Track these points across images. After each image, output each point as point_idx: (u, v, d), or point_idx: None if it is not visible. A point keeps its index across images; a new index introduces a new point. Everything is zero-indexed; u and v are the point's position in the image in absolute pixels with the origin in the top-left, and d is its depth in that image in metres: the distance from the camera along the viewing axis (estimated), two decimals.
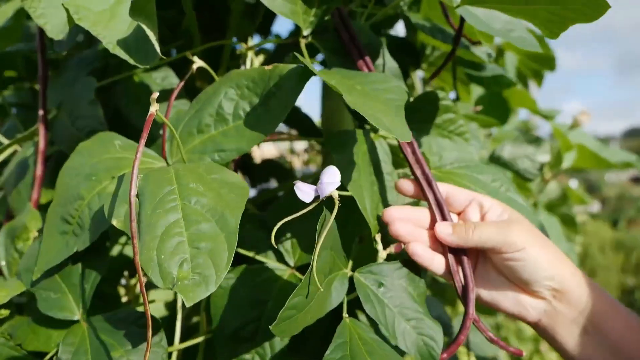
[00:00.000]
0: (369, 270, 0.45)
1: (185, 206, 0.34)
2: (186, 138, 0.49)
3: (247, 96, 0.48)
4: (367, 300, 0.43)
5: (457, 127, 0.65)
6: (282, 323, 0.36)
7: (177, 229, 0.32)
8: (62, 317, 0.45)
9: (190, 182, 0.36)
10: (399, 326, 0.43)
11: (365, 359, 0.38)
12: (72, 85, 0.61)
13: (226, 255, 0.31)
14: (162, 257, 0.30)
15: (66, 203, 0.43)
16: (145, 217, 0.33)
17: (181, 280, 0.30)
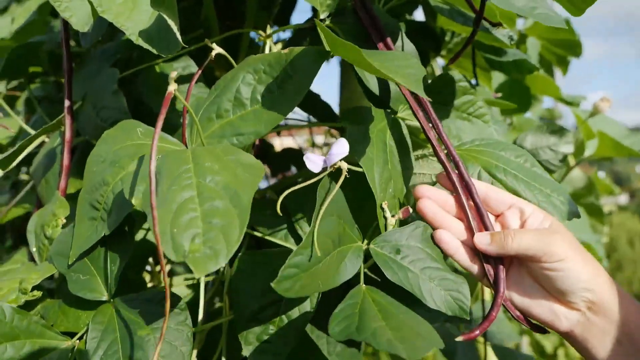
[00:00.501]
0: (383, 239, 0.45)
1: (200, 184, 0.35)
2: (206, 124, 0.50)
3: (264, 80, 0.49)
4: (388, 268, 0.43)
5: (477, 109, 0.65)
6: (284, 280, 0.37)
7: (191, 205, 0.33)
8: (91, 297, 0.46)
9: (206, 162, 0.37)
10: (425, 287, 0.43)
11: (376, 318, 0.38)
12: (96, 77, 0.63)
13: (237, 231, 0.32)
14: (174, 230, 0.31)
15: (93, 190, 0.44)
16: (161, 193, 0.34)
17: (192, 253, 0.31)
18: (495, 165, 0.53)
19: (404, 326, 0.38)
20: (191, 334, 0.44)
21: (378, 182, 0.48)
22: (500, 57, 0.79)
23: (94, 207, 0.44)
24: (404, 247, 0.45)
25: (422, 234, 0.46)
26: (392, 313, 0.40)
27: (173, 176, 0.37)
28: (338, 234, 0.44)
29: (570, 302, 0.43)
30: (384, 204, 0.48)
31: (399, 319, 0.39)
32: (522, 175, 0.54)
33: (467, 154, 0.55)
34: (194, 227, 0.32)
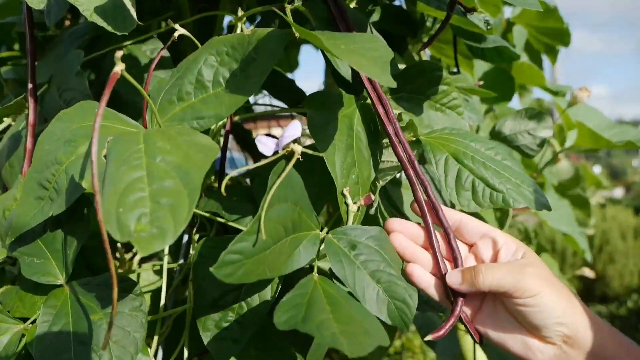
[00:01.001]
0: (342, 232, 0.44)
1: (150, 163, 0.34)
2: (167, 107, 0.49)
3: (227, 62, 0.48)
4: (337, 261, 0.42)
5: (451, 100, 0.64)
6: (225, 266, 0.36)
7: (139, 185, 0.32)
8: (45, 281, 0.45)
9: (157, 142, 0.36)
10: (369, 289, 0.42)
11: (325, 310, 0.37)
12: (63, 58, 0.62)
13: (186, 210, 0.31)
14: (120, 210, 0.31)
15: (43, 168, 0.43)
16: (109, 174, 0.33)
17: (138, 233, 0.30)
18: (464, 152, 0.53)
19: (352, 320, 0.37)
20: (145, 320, 0.43)
21: (339, 168, 0.47)
22: (480, 43, 0.77)
23: (42, 186, 0.43)
24: (362, 245, 0.44)
25: (386, 239, 0.45)
26: (342, 305, 0.39)
27: (123, 157, 0.36)
28: (292, 221, 0.42)
29: (545, 337, 0.43)
30: (345, 191, 0.47)
31: (347, 312, 0.38)
32: (491, 165, 0.53)
33: (436, 141, 0.54)
34: (141, 207, 0.31)
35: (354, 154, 0.50)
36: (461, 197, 0.50)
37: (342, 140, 0.48)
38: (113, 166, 0.34)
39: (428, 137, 0.55)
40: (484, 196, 0.50)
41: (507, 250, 0.46)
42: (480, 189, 0.50)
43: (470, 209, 0.50)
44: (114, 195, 0.31)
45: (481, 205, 0.50)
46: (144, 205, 0.31)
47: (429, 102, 0.63)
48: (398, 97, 0.61)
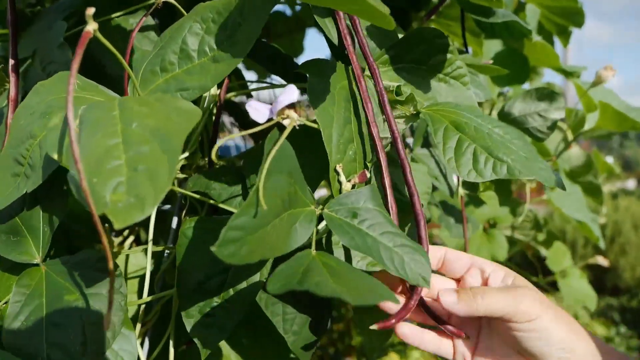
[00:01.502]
0: (338, 203, 0.41)
1: (125, 129, 0.31)
2: (150, 78, 0.46)
3: (213, 30, 0.45)
4: (344, 233, 0.39)
5: (454, 70, 0.59)
6: (227, 244, 0.32)
7: (115, 153, 0.30)
8: (20, 260, 0.43)
9: (134, 107, 0.33)
10: (385, 252, 0.39)
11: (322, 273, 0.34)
12: (46, 32, 0.59)
13: (166, 176, 0.28)
14: (94, 180, 0.28)
15: (19, 143, 0.41)
16: (83, 144, 0.31)
17: (114, 203, 0.27)
18: (466, 122, 0.49)
19: (352, 282, 0.35)
20: (125, 302, 0.41)
21: (335, 142, 0.44)
22: (488, 18, 0.73)
23: (18, 162, 0.41)
24: (362, 211, 0.41)
25: (377, 194, 0.42)
26: (342, 272, 0.36)
27: (97, 125, 0.33)
28: (288, 194, 0.39)
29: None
30: (338, 167, 0.44)
31: (348, 277, 0.36)
32: (496, 137, 0.50)
33: (436, 113, 0.50)
34: (117, 176, 0.28)
35: (352, 129, 0.47)
36: (461, 165, 0.47)
37: (339, 113, 0.45)
38: (86, 135, 0.31)
39: (429, 109, 0.52)
40: (486, 166, 0.46)
41: (496, 277, 0.44)
42: (483, 158, 0.46)
43: (470, 179, 0.46)
44: (87, 165, 0.29)
45: (482, 174, 0.46)
46: (120, 173, 0.28)
47: (431, 72, 0.59)
48: (398, 68, 0.58)
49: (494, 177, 0.47)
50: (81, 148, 0.31)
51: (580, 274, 1.24)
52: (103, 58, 0.59)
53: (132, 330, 0.41)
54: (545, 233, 1.27)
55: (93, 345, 0.38)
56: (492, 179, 0.46)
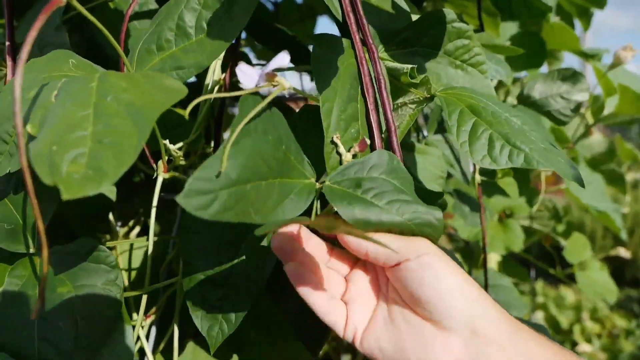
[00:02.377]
0: (339, 174, 0.38)
1: (99, 102, 0.29)
2: (146, 57, 0.44)
3: (211, 5, 0.42)
4: (345, 206, 0.36)
5: (472, 56, 0.56)
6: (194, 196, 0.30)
7: (83, 124, 0.27)
8: (13, 249, 0.41)
9: (112, 80, 0.31)
10: (394, 222, 0.36)
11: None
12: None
13: (133, 151, 0.26)
14: (54, 148, 0.26)
15: (4, 121, 0.39)
16: (52, 114, 0.29)
17: (69, 174, 0.25)
18: (483, 107, 0.46)
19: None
20: (121, 295, 0.39)
21: (335, 117, 0.41)
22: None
23: (2, 140, 0.39)
24: (366, 180, 0.38)
25: (388, 163, 0.39)
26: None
27: (71, 96, 0.31)
28: (275, 159, 0.36)
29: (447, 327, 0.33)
30: (336, 137, 0.41)
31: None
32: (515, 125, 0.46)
33: (451, 96, 0.47)
34: (79, 147, 0.26)
35: (357, 107, 0.44)
36: (475, 150, 0.43)
37: (344, 88, 0.42)
38: (58, 106, 0.29)
39: (443, 92, 0.48)
40: (502, 153, 0.43)
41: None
42: (499, 144, 0.43)
43: (484, 165, 0.43)
44: (50, 134, 0.27)
45: (497, 162, 0.42)
46: (83, 144, 0.26)
47: (447, 58, 0.56)
48: (412, 52, 0.55)
49: (509, 165, 0.43)
50: (50, 118, 0.29)
51: (600, 266, 1.19)
52: (104, 41, 0.56)
53: (129, 323, 0.39)
54: (565, 224, 1.23)
55: (86, 341, 0.36)
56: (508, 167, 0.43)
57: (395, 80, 0.52)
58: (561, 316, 2.10)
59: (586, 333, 2.03)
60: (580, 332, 2.02)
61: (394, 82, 0.52)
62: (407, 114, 0.52)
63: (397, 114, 0.53)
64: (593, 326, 2.06)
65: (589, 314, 2.09)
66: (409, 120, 0.49)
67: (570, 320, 2.11)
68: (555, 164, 0.44)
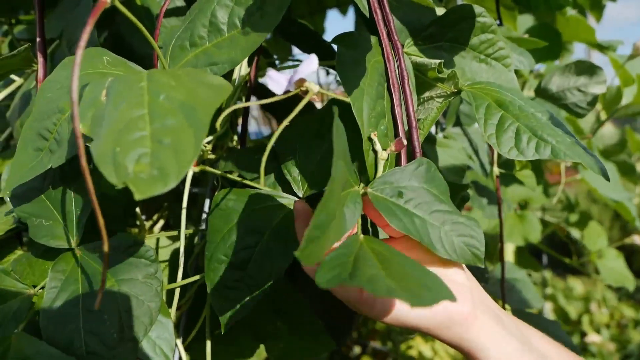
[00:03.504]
0: (382, 182, 0.39)
1: (152, 101, 0.29)
2: (179, 54, 0.44)
3: (244, 1, 0.43)
4: (391, 214, 0.37)
5: (496, 51, 0.56)
6: (308, 246, 0.30)
7: (140, 124, 0.28)
8: (54, 245, 0.42)
9: (162, 79, 0.31)
10: (434, 233, 0.37)
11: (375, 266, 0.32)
12: (73, 11, 0.57)
13: (192, 151, 0.27)
14: (117, 149, 0.26)
15: (44, 117, 0.39)
16: (107, 114, 0.29)
17: (136, 174, 0.25)
18: (510, 101, 0.46)
19: (407, 276, 0.32)
20: (160, 288, 0.40)
21: (366, 116, 0.41)
22: None
23: (42, 137, 0.39)
24: (407, 189, 0.39)
25: (426, 172, 0.40)
26: (394, 262, 0.34)
27: (123, 96, 0.31)
28: (344, 181, 0.37)
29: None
30: (373, 135, 0.41)
31: (401, 269, 0.33)
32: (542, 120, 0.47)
33: (478, 90, 0.47)
34: (140, 147, 0.27)
35: (384, 104, 0.44)
36: (502, 143, 0.44)
37: (372, 86, 0.42)
38: (111, 105, 0.30)
39: (470, 87, 0.49)
40: (529, 145, 0.43)
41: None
42: (525, 137, 0.44)
43: (511, 156, 0.44)
44: (110, 134, 0.27)
45: (524, 154, 0.43)
46: (143, 144, 0.27)
47: (472, 52, 0.56)
48: (437, 47, 0.55)
49: (536, 157, 0.44)
50: (106, 118, 0.29)
51: (616, 254, 1.20)
52: (131, 37, 0.57)
53: (169, 317, 0.40)
54: (578, 214, 1.23)
55: (129, 333, 0.37)
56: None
57: (422, 75, 0.53)
58: (570, 307, 2.11)
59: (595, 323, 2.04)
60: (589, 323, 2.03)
61: (420, 76, 0.52)
62: (434, 107, 0.52)
63: (423, 108, 0.53)
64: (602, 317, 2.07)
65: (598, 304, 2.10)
66: (436, 114, 0.49)
67: (579, 310, 2.12)
68: (581, 156, 0.44)
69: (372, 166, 0.42)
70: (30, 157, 0.39)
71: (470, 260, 0.37)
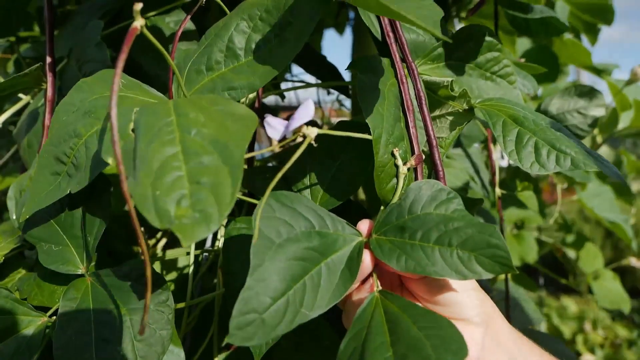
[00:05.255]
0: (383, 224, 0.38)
1: (184, 138, 0.29)
2: (195, 77, 0.44)
3: (261, 28, 0.43)
4: (395, 257, 0.35)
5: (502, 68, 0.57)
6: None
7: (175, 163, 0.28)
8: (64, 270, 0.41)
9: (190, 113, 0.31)
10: (447, 259, 0.34)
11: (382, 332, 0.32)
12: (81, 31, 0.58)
13: (230, 191, 0.26)
14: (157, 193, 0.26)
15: (61, 142, 0.39)
16: (140, 151, 0.29)
17: (179, 219, 0.25)
18: (523, 116, 0.47)
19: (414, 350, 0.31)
20: (172, 316, 0.39)
21: (384, 142, 0.42)
22: (526, 14, 0.71)
23: (59, 161, 0.39)
24: (409, 221, 0.37)
25: (425, 192, 0.38)
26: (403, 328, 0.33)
27: (153, 131, 0.31)
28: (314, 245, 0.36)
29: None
30: (396, 151, 0.42)
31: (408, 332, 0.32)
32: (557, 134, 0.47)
33: (491, 107, 0.48)
34: (179, 189, 0.27)
35: (401, 126, 0.45)
36: (523, 158, 0.45)
37: (390, 110, 0.43)
38: (143, 142, 0.29)
39: (483, 104, 0.50)
40: (549, 158, 0.44)
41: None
42: (545, 151, 0.44)
43: (533, 171, 0.44)
44: (147, 176, 0.27)
45: (546, 167, 0.44)
46: (181, 186, 0.26)
47: (478, 70, 0.57)
48: (446, 66, 0.56)
49: (557, 170, 0.45)
50: (139, 156, 0.29)
51: (613, 275, 1.21)
52: (140, 56, 0.57)
53: (181, 347, 0.40)
54: (575, 234, 1.24)
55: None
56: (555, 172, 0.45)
57: (432, 93, 0.53)
58: (564, 326, 2.11)
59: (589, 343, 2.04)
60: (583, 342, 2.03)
61: (430, 95, 0.53)
62: (445, 125, 0.53)
63: (435, 126, 0.54)
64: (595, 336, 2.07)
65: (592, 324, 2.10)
66: (456, 134, 0.50)
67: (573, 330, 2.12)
68: (599, 165, 0.45)
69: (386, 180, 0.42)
70: (48, 181, 0.39)
71: (498, 270, 0.34)
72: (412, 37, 0.51)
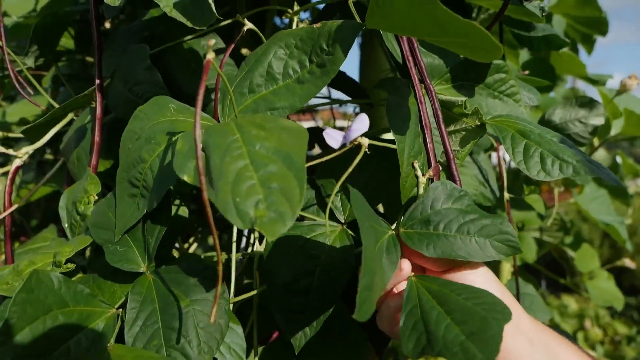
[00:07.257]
0: (409, 219, 0.44)
1: (250, 151, 0.35)
2: (238, 99, 0.50)
3: (296, 55, 0.49)
4: (424, 246, 0.42)
5: (508, 88, 0.64)
6: (362, 306, 0.35)
7: (247, 173, 0.33)
8: (128, 268, 0.47)
9: (252, 130, 0.37)
10: (467, 244, 0.42)
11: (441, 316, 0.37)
12: (123, 54, 0.63)
13: (298, 191, 0.32)
14: (237, 200, 0.32)
15: (130, 167, 0.45)
16: (214, 166, 0.34)
17: (259, 219, 0.31)
18: (530, 130, 0.53)
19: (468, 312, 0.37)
20: (229, 307, 0.45)
21: (406, 155, 0.48)
22: (529, 32, 0.77)
23: (132, 185, 0.45)
24: (432, 215, 0.44)
25: (443, 192, 0.45)
26: (451, 300, 0.38)
27: (222, 148, 0.37)
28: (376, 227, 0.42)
29: None
30: (415, 163, 0.48)
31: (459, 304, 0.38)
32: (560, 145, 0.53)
33: (500, 123, 0.54)
34: (254, 194, 0.32)
35: (420, 142, 0.50)
36: (530, 167, 0.51)
37: (411, 127, 0.49)
38: (216, 158, 0.35)
39: (493, 120, 0.56)
40: (553, 167, 0.50)
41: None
42: (549, 160, 0.50)
43: (540, 178, 0.50)
44: (226, 186, 0.33)
45: (551, 174, 0.50)
46: (256, 192, 0.32)
47: (487, 90, 0.63)
48: (458, 86, 0.62)
49: (561, 176, 0.51)
50: (214, 171, 0.35)
51: (607, 275, 1.27)
52: (179, 77, 0.63)
53: (239, 324, 0.46)
54: (573, 235, 1.30)
55: (206, 347, 0.42)
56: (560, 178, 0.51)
57: (447, 110, 0.59)
58: (564, 324, 2.17)
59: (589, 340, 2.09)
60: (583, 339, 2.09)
61: (445, 112, 0.59)
62: (458, 139, 0.59)
63: (451, 140, 0.60)
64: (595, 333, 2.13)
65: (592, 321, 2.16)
66: (470, 146, 0.56)
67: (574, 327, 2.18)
68: (598, 172, 0.51)
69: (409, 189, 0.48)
70: (128, 204, 0.45)
71: (509, 252, 0.42)
72: (429, 61, 0.57)
